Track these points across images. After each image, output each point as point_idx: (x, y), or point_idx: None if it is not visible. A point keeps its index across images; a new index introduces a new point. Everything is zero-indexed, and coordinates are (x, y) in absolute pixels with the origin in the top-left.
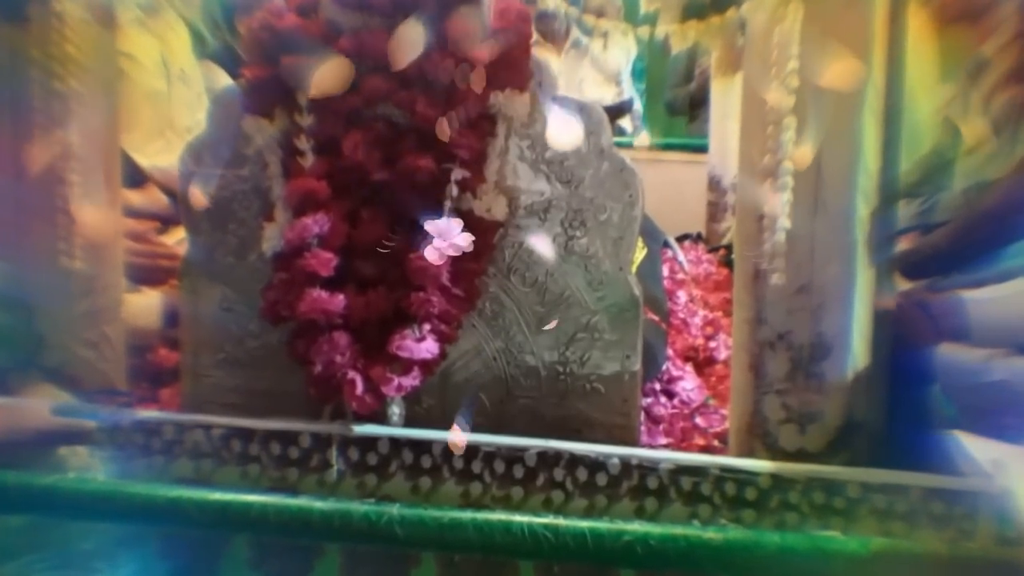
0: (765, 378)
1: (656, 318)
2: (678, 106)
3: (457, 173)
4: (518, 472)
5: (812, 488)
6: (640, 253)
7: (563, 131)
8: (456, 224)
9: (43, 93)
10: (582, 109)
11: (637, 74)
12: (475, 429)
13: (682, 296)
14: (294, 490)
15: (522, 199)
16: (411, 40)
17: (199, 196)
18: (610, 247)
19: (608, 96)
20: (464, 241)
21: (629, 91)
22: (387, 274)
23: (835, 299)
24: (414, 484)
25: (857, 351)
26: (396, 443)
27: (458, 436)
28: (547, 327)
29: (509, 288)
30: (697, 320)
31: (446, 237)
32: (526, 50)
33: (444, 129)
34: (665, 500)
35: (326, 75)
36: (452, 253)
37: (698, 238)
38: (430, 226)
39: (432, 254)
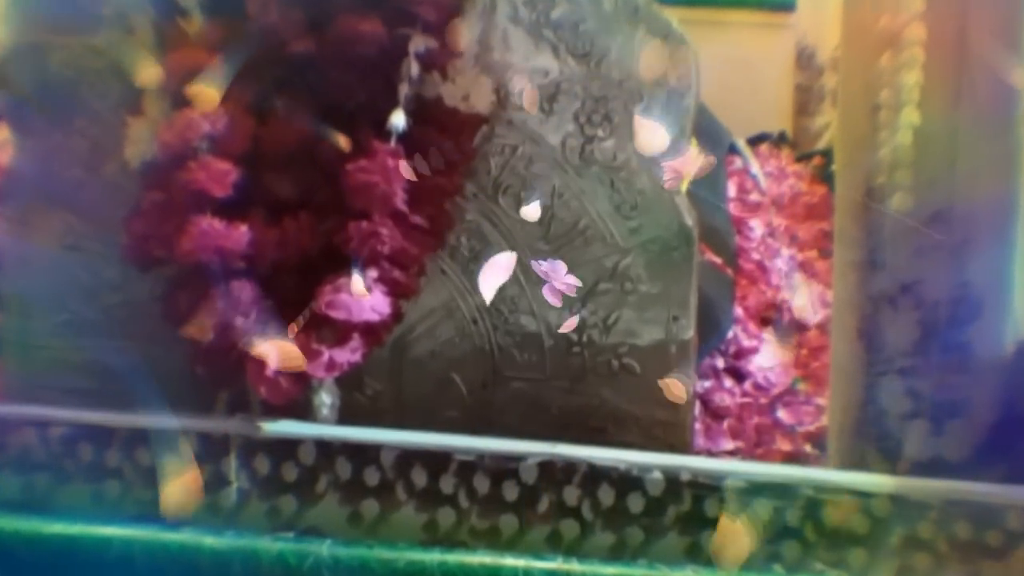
0: (882, 351)
1: (718, 260)
2: None
3: (418, 43)
4: (510, 492)
5: (952, 516)
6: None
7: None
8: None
9: None
10: None
11: None
12: (447, 426)
13: (757, 227)
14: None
15: (516, 82)
16: None
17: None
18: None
19: None
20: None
21: None
22: (312, 194)
23: (987, 232)
24: (354, 510)
25: (1020, 311)
26: (327, 449)
27: None
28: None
29: (496, 215)
30: (780, 263)
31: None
32: None
33: None
34: None
35: None
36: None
37: (781, 140)
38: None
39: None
